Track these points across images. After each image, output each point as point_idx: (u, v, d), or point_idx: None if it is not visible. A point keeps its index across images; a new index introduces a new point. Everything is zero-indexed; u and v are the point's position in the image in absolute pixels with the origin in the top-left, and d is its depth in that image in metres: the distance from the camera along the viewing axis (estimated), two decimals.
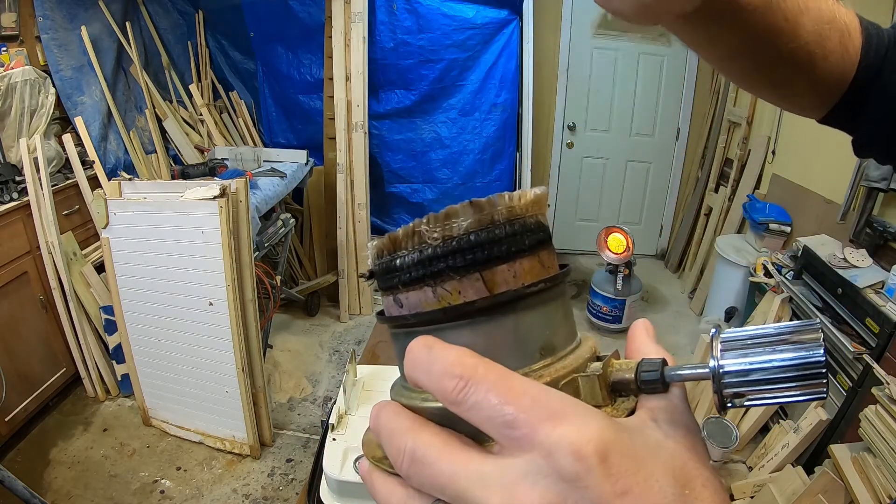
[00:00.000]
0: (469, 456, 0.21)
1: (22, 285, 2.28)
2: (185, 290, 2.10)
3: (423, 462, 0.21)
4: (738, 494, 2.03)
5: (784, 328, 0.22)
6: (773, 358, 0.22)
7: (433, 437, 0.22)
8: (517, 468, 0.19)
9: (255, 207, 2.31)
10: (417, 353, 0.22)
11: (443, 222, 0.24)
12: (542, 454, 0.19)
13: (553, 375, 0.24)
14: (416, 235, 0.24)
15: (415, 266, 0.24)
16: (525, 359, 0.25)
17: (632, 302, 3.11)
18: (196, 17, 3.39)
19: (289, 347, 2.98)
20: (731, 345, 0.23)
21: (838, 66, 0.39)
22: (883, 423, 1.60)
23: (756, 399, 0.23)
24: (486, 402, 0.20)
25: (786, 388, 0.22)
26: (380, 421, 0.24)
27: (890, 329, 1.74)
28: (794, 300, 2.23)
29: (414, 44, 3.14)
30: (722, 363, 0.22)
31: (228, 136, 3.45)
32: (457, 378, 0.20)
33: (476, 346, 0.23)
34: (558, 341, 0.26)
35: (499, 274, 0.24)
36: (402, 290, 0.25)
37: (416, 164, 3.41)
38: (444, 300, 0.24)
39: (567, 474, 0.18)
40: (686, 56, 3.80)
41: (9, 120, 2.41)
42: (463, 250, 0.24)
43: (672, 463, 0.21)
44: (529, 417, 0.19)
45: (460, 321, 0.24)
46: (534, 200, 0.26)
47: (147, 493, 2.10)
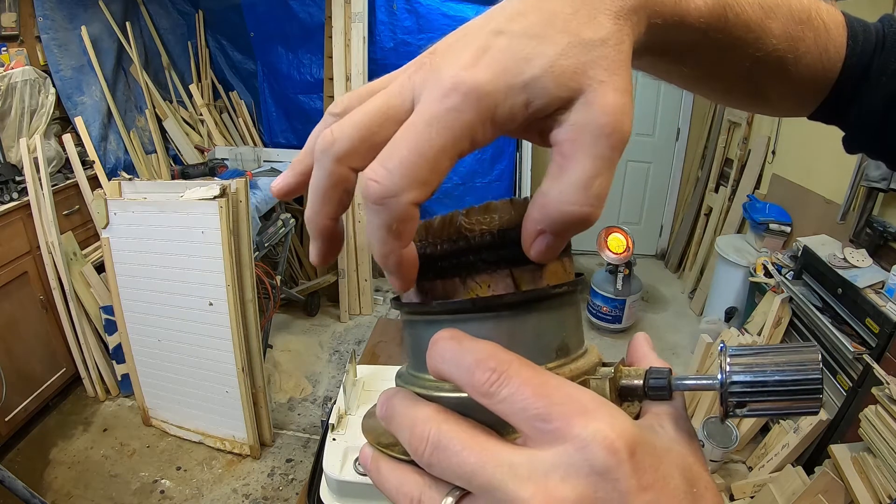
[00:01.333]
0: (498, 446, 0.21)
1: (22, 285, 2.28)
2: (185, 290, 2.10)
3: (448, 450, 0.21)
4: (738, 494, 2.03)
5: (785, 348, 0.24)
6: (775, 374, 0.24)
7: (458, 425, 0.22)
8: (549, 460, 0.20)
9: (255, 207, 2.31)
10: (445, 345, 0.22)
11: (482, 215, 0.24)
12: (577, 447, 0.19)
13: (568, 375, 0.25)
14: (452, 225, 0.25)
15: (448, 255, 0.25)
16: (542, 357, 0.25)
17: (632, 302, 3.11)
18: (196, 17, 3.39)
19: (289, 347, 2.98)
20: (738, 360, 0.24)
21: (816, 66, 0.37)
22: (883, 423, 1.60)
23: (756, 410, 0.24)
24: (520, 395, 0.20)
25: (784, 401, 0.24)
26: (395, 407, 0.24)
27: (890, 329, 1.74)
28: (794, 300, 2.23)
29: (414, 44, 3.14)
30: (730, 377, 0.24)
31: (228, 136, 3.45)
32: (490, 370, 0.21)
33: (498, 339, 0.23)
34: (573, 344, 0.27)
35: (527, 273, 0.25)
36: (430, 278, 0.25)
37: None
38: (472, 292, 0.25)
39: (599, 467, 0.19)
40: None
41: (9, 120, 2.41)
42: (498, 245, 0.24)
43: (682, 463, 0.21)
44: (563, 411, 0.20)
45: (486, 314, 0.24)
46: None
47: (147, 493, 2.10)
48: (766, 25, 0.32)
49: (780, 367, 0.24)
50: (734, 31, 0.31)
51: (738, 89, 0.37)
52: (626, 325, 3.19)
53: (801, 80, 0.37)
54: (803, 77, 0.36)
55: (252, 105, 3.56)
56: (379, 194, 0.21)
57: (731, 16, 0.30)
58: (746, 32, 0.31)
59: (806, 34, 0.35)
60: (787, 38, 0.34)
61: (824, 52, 0.36)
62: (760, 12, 0.32)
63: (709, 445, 2.11)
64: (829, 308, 2.06)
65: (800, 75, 0.36)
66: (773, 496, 1.82)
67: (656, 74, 0.35)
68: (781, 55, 0.34)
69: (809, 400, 0.23)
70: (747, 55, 0.33)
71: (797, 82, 0.37)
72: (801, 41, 0.35)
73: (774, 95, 0.38)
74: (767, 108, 0.41)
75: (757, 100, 0.39)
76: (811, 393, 0.23)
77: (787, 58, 0.34)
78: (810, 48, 0.35)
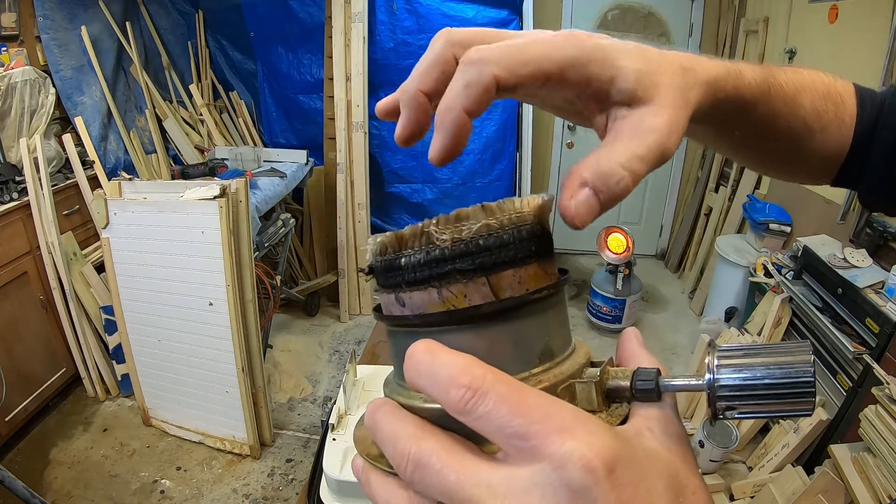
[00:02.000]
0: (476, 463, 0.21)
1: (22, 285, 2.28)
2: (185, 290, 2.10)
3: (429, 469, 0.21)
4: (738, 494, 2.03)
5: (776, 347, 0.23)
6: (765, 376, 0.23)
7: (438, 443, 0.22)
8: (526, 478, 0.20)
9: (255, 207, 2.31)
10: (420, 358, 0.22)
11: (453, 224, 0.24)
12: (553, 466, 0.19)
13: (552, 381, 0.24)
14: (424, 235, 0.24)
15: (421, 266, 0.24)
16: (525, 363, 0.25)
17: (632, 302, 3.11)
18: (196, 17, 3.39)
19: (289, 347, 2.98)
20: (726, 360, 0.24)
21: (836, 135, 0.42)
22: (883, 423, 1.60)
23: (746, 413, 0.24)
24: (496, 413, 0.20)
25: (775, 403, 0.23)
26: (379, 422, 0.24)
27: (890, 329, 1.74)
28: (794, 300, 2.23)
29: (414, 44, 3.14)
30: (718, 378, 0.23)
31: (228, 136, 3.45)
32: (464, 388, 0.21)
33: (478, 349, 0.23)
34: (557, 347, 0.26)
35: (505, 279, 0.24)
36: (405, 290, 0.25)
37: (416, 164, 3.41)
38: (448, 302, 0.24)
39: (576, 486, 0.19)
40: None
41: (9, 120, 2.41)
42: (472, 253, 0.24)
43: (668, 472, 0.21)
44: (540, 430, 0.20)
45: (464, 325, 0.24)
46: (541, 206, 0.26)
47: (147, 493, 2.10)
48: (799, 100, 0.39)
49: (771, 369, 0.23)
50: (774, 104, 0.37)
51: (774, 156, 0.44)
52: (626, 325, 3.18)
53: (824, 147, 0.42)
54: (827, 145, 0.42)
55: (252, 105, 3.56)
56: (472, 58, 0.26)
57: (773, 90, 0.36)
58: (783, 105, 0.37)
59: (828, 107, 0.41)
60: (814, 110, 0.40)
61: (842, 122, 0.42)
62: (794, 88, 0.38)
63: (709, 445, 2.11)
64: (829, 308, 2.06)
65: (824, 143, 0.42)
66: (773, 496, 1.82)
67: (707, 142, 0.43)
68: (809, 125, 0.40)
69: (801, 402, 0.22)
70: (783, 125, 0.39)
71: (820, 150, 0.42)
72: (825, 113, 0.41)
73: (800, 163, 0.44)
74: (798, 175, 0.47)
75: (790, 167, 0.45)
76: (803, 395, 0.22)
77: (813, 127, 0.40)
78: (832, 120, 0.41)
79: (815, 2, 2.66)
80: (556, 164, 4.09)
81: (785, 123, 0.38)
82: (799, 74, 0.40)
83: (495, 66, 0.25)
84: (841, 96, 0.42)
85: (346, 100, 3.03)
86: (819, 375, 2.06)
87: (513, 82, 0.26)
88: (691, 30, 3.74)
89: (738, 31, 3.41)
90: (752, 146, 0.42)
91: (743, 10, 3.42)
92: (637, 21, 3.72)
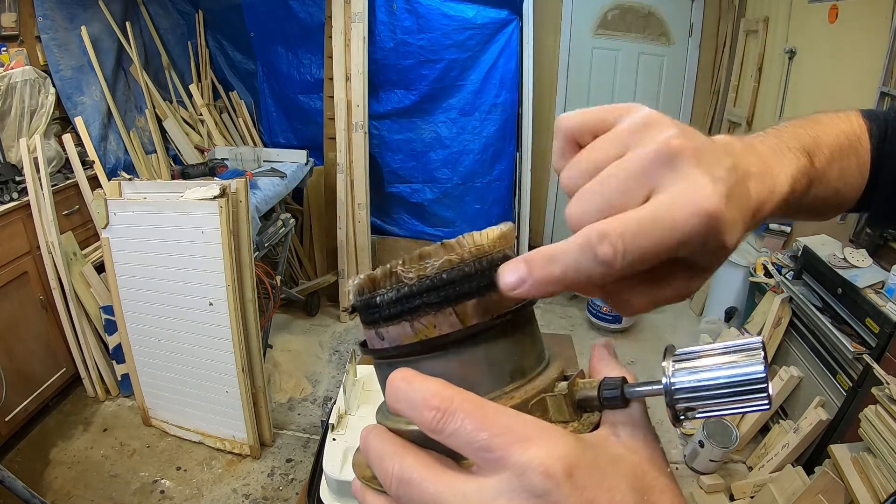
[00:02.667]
0: (451, 476, 0.23)
1: (22, 285, 2.28)
2: (185, 290, 2.10)
3: (410, 483, 0.23)
4: (738, 494, 2.03)
5: (729, 346, 0.24)
6: (718, 375, 0.24)
7: (417, 460, 0.24)
8: (494, 487, 0.22)
9: (255, 207, 2.31)
10: (398, 385, 0.24)
11: (417, 263, 0.26)
12: (515, 474, 0.21)
13: (523, 397, 0.26)
14: (392, 276, 0.26)
15: (393, 303, 0.26)
16: (497, 382, 0.27)
17: None
18: (196, 17, 3.39)
19: (289, 347, 2.98)
20: (681, 364, 0.25)
21: (857, 181, 0.42)
22: (883, 423, 1.60)
23: (705, 412, 0.25)
24: (463, 430, 0.22)
25: (731, 401, 0.24)
26: (368, 445, 0.26)
27: (890, 329, 1.74)
28: (794, 300, 2.23)
29: (414, 44, 3.14)
30: (673, 381, 0.25)
31: (228, 136, 3.45)
32: (434, 409, 0.23)
33: (452, 373, 0.26)
34: (528, 364, 0.28)
35: (470, 307, 0.26)
36: (382, 325, 0.27)
37: (416, 164, 3.40)
38: (421, 333, 0.26)
39: (538, 491, 0.21)
40: (686, 56, 3.81)
41: (9, 120, 2.41)
42: (436, 288, 0.26)
43: (633, 473, 0.23)
44: (502, 441, 0.22)
45: (437, 352, 0.26)
46: (500, 236, 0.28)
47: (147, 493, 2.10)
48: (829, 173, 0.39)
49: (723, 369, 0.24)
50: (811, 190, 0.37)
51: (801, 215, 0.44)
52: (626, 325, 3.19)
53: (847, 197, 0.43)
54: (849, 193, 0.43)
55: (252, 105, 3.56)
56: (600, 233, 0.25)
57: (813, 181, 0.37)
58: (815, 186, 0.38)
59: (851, 161, 0.41)
60: (840, 173, 0.40)
61: (863, 165, 0.42)
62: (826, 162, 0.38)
63: (709, 445, 2.11)
64: (829, 308, 2.06)
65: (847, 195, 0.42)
66: (773, 496, 1.82)
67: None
68: (836, 188, 0.41)
69: (755, 397, 0.23)
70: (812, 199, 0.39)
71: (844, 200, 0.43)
72: (849, 169, 0.41)
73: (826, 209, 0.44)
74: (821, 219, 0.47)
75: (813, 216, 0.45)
76: (756, 390, 0.23)
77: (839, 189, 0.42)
78: (854, 173, 0.42)
79: (815, 2, 2.66)
80: None
81: (817, 198, 0.39)
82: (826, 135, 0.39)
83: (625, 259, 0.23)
84: (859, 139, 0.42)
85: (346, 100, 3.03)
86: (819, 375, 2.06)
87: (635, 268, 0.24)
88: (691, 29, 3.74)
89: (738, 31, 3.42)
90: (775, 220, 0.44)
91: (743, 10, 3.41)
92: (637, 21, 3.72)
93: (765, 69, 3.15)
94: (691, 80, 3.84)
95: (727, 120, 3.50)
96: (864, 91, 2.26)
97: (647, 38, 3.76)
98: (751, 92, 3.23)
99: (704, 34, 3.73)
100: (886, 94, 2.14)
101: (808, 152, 0.36)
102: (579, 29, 3.74)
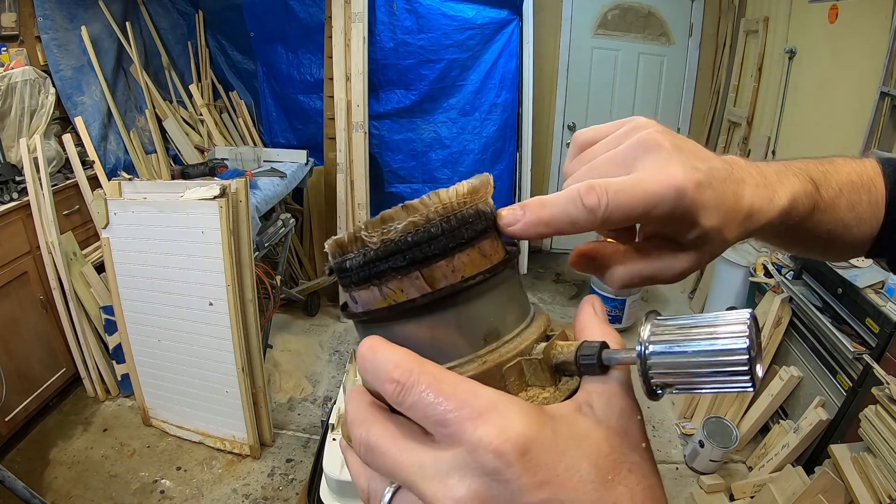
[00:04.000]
0: (412, 447, 0.23)
1: (22, 285, 2.28)
2: (185, 290, 2.10)
3: (376, 452, 0.24)
4: (738, 494, 2.03)
5: (714, 318, 0.22)
6: (697, 347, 0.22)
7: (383, 428, 0.24)
8: (448, 461, 0.22)
9: (255, 207, 2.31)
10: (364, 355, 0.25)
11: (379, 227, 0.25)
12: (468, 450, 0.21)
13: (497, 360, 0.25)
14: (358, 241, 0.25)
15: (360, 268, 0.26)
16: (470, 346, 0.26)
17: (632, 302, 3.11)
18: (196, 17, 3.39)
19: (289, 347, 2.98)
20: (660, 331, 0.23)
21: (870, 220, 0.43)
22: (883, 423, 1.60)
23: (683, 387, 0.23)
24: (420, 403, 0.22)
25: (710, 378, 0.22)
26: (347, 408, 0.27)
27: (890, 329, 1.74)
28: (794, 300, 2.23)
29: (414, 44, 3.14)
30: (648, 348, 0.23)
31: (228, 136, 3.45)
32: (395, 382, 0.23)
33: (422, 338, 0.25)
34: (505, 325, 0.27)
35: (437, 270, 0.25)
36: (354, 289, 0.27)
37: (416, 164, 3.40)
38: (389, 298, 0.26)
39: (489, 469, 0.21)
40: (686, 56, 3.81)
41: (9, 120, 2.41)
42: (401, 251, 0.25)
43: (597, 450, 0.22)
44: (457, 416, 0.22)
45: (406, 317, 0.26)
46: (469, 191, 0.26)
47: (147, 493, 2.10)
48: (837, 203, 0.40)
49: (703, 339, 0.22)
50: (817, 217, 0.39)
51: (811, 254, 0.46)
52: (626, 325, 3.19)
53: (860, 235, 0.43)
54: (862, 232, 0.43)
55: (252, 105, 3.56)
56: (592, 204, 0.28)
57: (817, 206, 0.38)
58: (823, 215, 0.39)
59: (862, 197, 0.42)
60: (850, 207, 0.41)
61: (875, 206, 0.43)
62: (834, 194, 0.40)
63: (709, 445, 2.11)
64: (829, 308, 2.06)
65: (860, 232, 0.43)
66: (773, 496, 1.82)
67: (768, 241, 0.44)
68: (847, 223, 0.42)
69: (737, 377, 0.21)
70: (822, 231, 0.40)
71: (858, 238, 0.43)
72: (859, 205, 0.42)
73: (840, 253, 0.45)
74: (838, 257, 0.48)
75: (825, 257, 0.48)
76: (737, 370, 0.21)
77: (850, 224, 0.42)
78: (865, 209, 0.42)
79: (815, 2, 2.66)
80: (556, 164, 4.09)
81: (825, 229, 0.40)
82: (836, 172, 0.41)
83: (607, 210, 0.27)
84: (872, 180, 0.43)
85: (346, 100, 3.03)
86: (819, 375, 2.06)
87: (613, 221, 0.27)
88: (691, 29, 3.74)
89: (738, 31, 3.42)
90: (788, 248, 0.46)
91: (743, 10, 3.41)
92: (637, 21, 3.72)
93: (765, 69, 3.15)
94: (691, 80, 3.85)
95: (727, 120, 3.50)
96: (864, 91, 2.26)
97: (647, 38, 3.76)
98: (751, 92, 3.23)
99: (704, 34, 3.73)
100: (886, 94, 2.14)
101: (814, 181, 0.38)
102: (579, 29, 3.74)
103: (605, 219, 0.27)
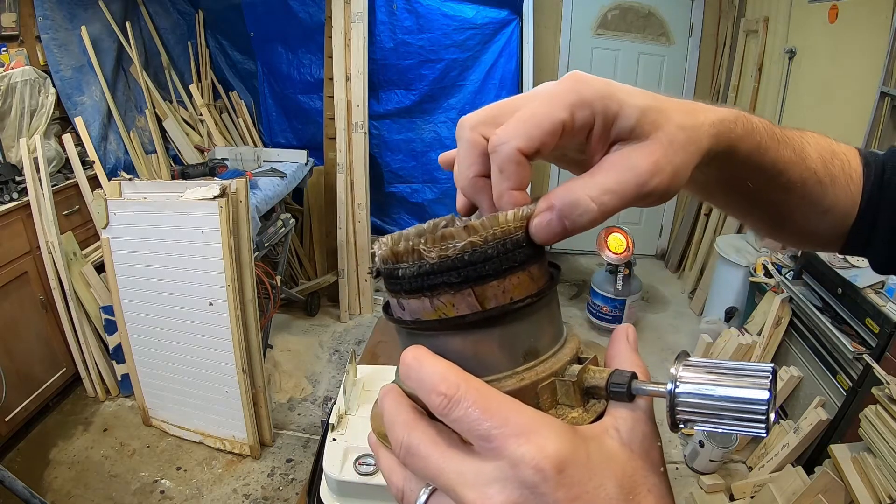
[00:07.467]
0: (453, 454, 0.25)
1: (22, 285, 2.28)
2: (185, 290, 2.10)
3: (417, 455, 0.25)
4: (738, 494, 2.03)
5: (741, 367, 0.25)
6: (723, 392, 0.24)
7: (425, 434, 0.26)
8: (489, 472, 0.23)
9: (255, 207, 2.31)
10: (409, 364, 0.26)
11: (439, 244, 0.26)
12: (510, 464, 0.23)
13: (533, 378, 0.27)
14: (415, 252, 0.26)
15: (414, 278, 0.27)
16: (510, 363, 0.27)
17: (632, 302, 3.11)
18: (196, 17, 3.39)
19: (289, 347, 2.98)
20: (691, 372, 0.25)
21: (846, 190, 0.42)
22: (883, 423, 1.60)
23: (703, 426, 0.25)
24: (466, 418, 0.24)
25: (730, 421, 0.24)
26: (384, 407, 0.28)
27: (890, 329, 1.74)
28: (794, 300, 2.23)
29: (414, 44, 3.14)
30: (678, 388, 0.25)
31: (228, 136, 3.45)
32: (442, 395, 0.24)
33: (466, 352, 0.27)
34: (542, 345, 0.28)
35: (489, 289, 0.26)
36: (404, 297, 0.28)
37: (416, 164, 3.40)
38: (439, 311, 0.27)
39: (528, 483, 0.22)
40: (686, 56, 3.81)
41: (9, 120, 2.41)
42: (457, 268, 0.26)
43: (622, 471, 0.24)
44: (501, 433, 0.23)
45: (452, 331, 0.27)
46: (525, 216, 0.28)
47: (147, 493, 2.10)
48: (806, 150, 0.40)
49: (729, 389, 0.24)
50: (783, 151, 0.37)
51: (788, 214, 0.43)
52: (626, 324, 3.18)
53: (836, 204, 0.42)
54: (838, 201, 0.42)
55: (252, 105, 3.56)
56: (494, 143, 0.28)
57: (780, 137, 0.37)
58: (792, 153, 0.38)
59: (835, 161, 0.42)
60: (822, 162, 0.41)
61: (850, 178, 0.42)
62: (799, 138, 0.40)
63: (709, 445, 2.12)
64: (829, 308, 2.06)
65: (836, 199, 0.42)
66: (773, 496, 1.82)
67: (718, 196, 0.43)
68: (820, 177, 0.41)
69: (754, 426, 0.24)
70: (795, 175, 0.39)
71: (834, 207, 0.42)
72: (832, 166, 0.41)
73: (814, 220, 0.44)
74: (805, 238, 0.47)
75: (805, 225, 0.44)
76: (755, 421, 0.24)
77: (824, 180, 0.41)
78: (840, 174, 0.42)
79: (815, 2, 2.66)
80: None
81: (797, 173, 0.39)
82: (800, 130, 0.41)
83: (515, 140, 0.27)
84: (846, 155, 0.43)
85: (346, 100, 3.03)
86: (819, 375, 2.06)
87: (536, 146, 0.27)
88: (691, 30, 3.74)
89: (738, 31, 3.41)
90: (765, 199, 0.41)
91: (743, 10, 3.42)
92: (637, 21, 3.72)
93: (765, 69, 3.15)
94: (691, 80, 3.85)
95: None
96: (864, 91, 2.26)
97: (647, 38, 3.76)
98: (751, 92, 3.23)
99: (704, 34, 3.73)
100: (886, 94, 2.15)
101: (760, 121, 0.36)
102: (579, 29, 3.74)
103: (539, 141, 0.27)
